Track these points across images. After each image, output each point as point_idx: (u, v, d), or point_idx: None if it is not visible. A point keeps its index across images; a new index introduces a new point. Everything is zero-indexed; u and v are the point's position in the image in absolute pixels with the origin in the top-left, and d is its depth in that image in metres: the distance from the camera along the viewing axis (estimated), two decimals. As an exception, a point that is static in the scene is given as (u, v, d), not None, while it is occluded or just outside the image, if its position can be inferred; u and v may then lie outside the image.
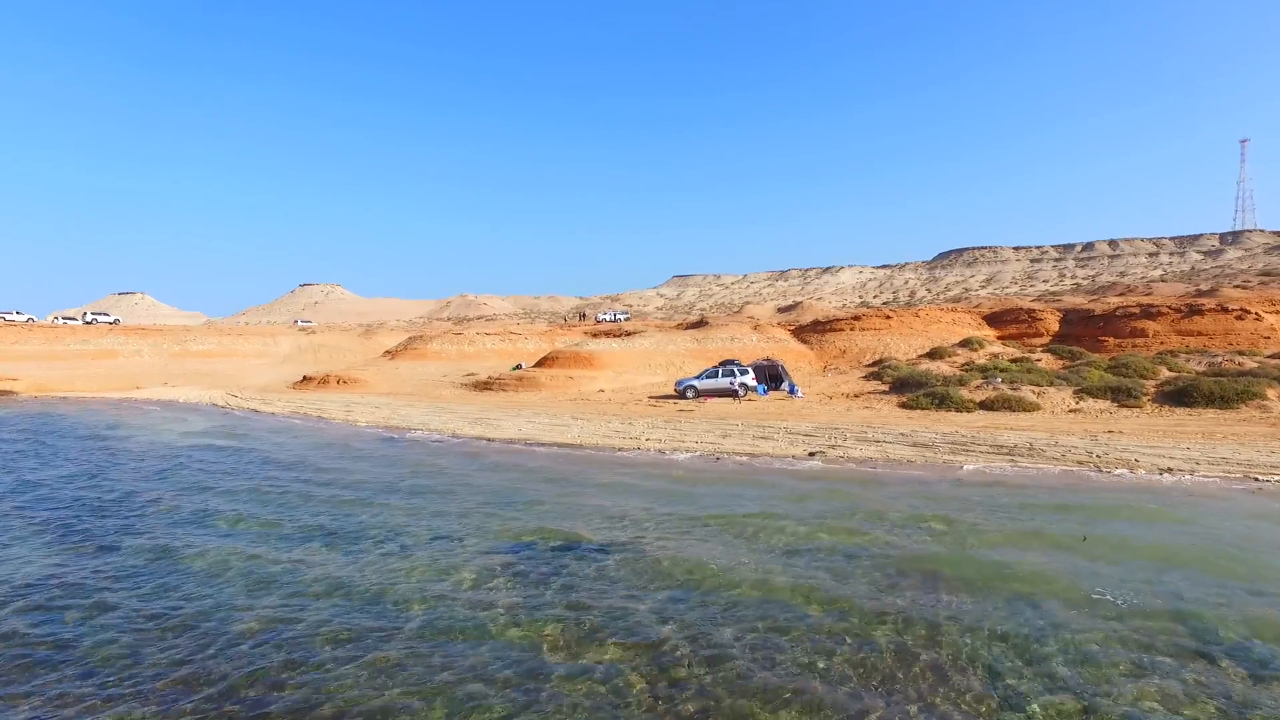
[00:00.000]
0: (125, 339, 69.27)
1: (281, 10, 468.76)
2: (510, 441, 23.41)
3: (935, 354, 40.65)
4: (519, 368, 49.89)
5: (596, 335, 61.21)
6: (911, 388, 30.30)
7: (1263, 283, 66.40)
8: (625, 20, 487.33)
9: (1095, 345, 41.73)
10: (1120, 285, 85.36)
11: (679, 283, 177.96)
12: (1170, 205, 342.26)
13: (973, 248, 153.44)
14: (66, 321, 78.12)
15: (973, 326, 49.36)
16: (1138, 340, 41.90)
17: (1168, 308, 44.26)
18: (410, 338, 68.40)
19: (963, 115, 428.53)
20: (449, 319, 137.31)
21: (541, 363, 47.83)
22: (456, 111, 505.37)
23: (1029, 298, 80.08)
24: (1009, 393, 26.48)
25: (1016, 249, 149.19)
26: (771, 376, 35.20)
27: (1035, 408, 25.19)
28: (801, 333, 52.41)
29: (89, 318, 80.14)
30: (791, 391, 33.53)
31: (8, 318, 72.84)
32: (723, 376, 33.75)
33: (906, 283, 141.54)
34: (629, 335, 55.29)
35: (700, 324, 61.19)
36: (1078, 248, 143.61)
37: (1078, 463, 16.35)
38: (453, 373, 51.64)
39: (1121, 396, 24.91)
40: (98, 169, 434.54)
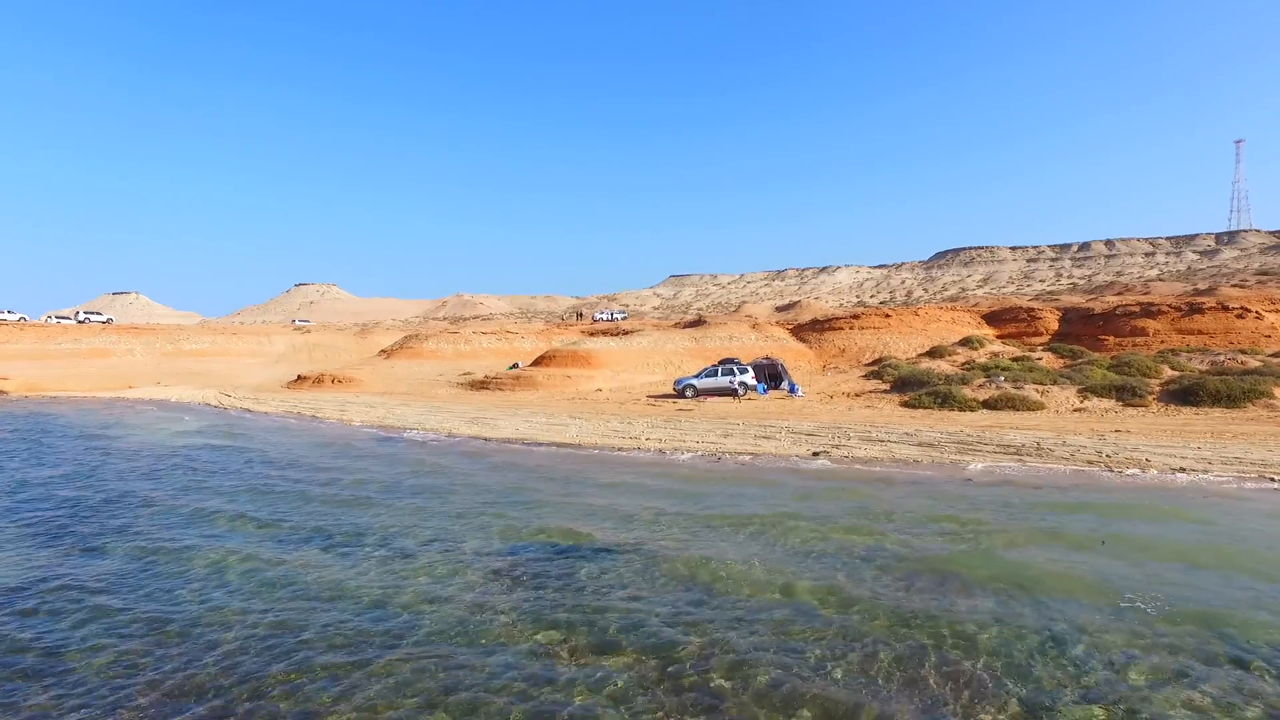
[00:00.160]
0: (118, 338, 68.59)
1: (278, 10, 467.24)
2: (507, 441, 23.03)
3: (935, 353, 40.42)
4: (515, 367, 49.49)
5: (594, 334, 60.85)
6: (913, 387, 30.02)
7: (1261, 282, 66.41)
8: (621, 20, 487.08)
9: (1095, 344, 41.55)
10: (1118, 285, 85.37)
11: (675, 282, 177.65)
12: (1165, 205, 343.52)
13: (969, 248, 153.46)
14: (60, 321, 77.32)
15: (972, 325, 49.17)
16: (1138, 339, 41.73)
17: (1168, 306, 44.12)
18: (406, 337, 67.91)
19: (959, 116, 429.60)
20: (445, 318, 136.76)
21: (538, 362, 47.44)
22: (452, 111, 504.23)
23: (1026, 297, 80.00)
24: (1012, 392, 26.20)
25: (1013, 249, 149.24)
26: (771, 375, 34.89)
27: (1039, 407, 24.92)
28: (800, 331, 52.15)
29: (82, 317, 79.38)
30: (792, 391, 33.22)
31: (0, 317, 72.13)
32: (722, 375, 33.42)
33: (903, 282, 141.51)
34: (626, 334, 54.94)
35: (698, 323, 60.90)
36: (1074, 248, 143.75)
37: (1088, 462, 16.06)
38: (449, 372, 51.21)
39: (1126, 395, 24.66)
40: (93, 169, 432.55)
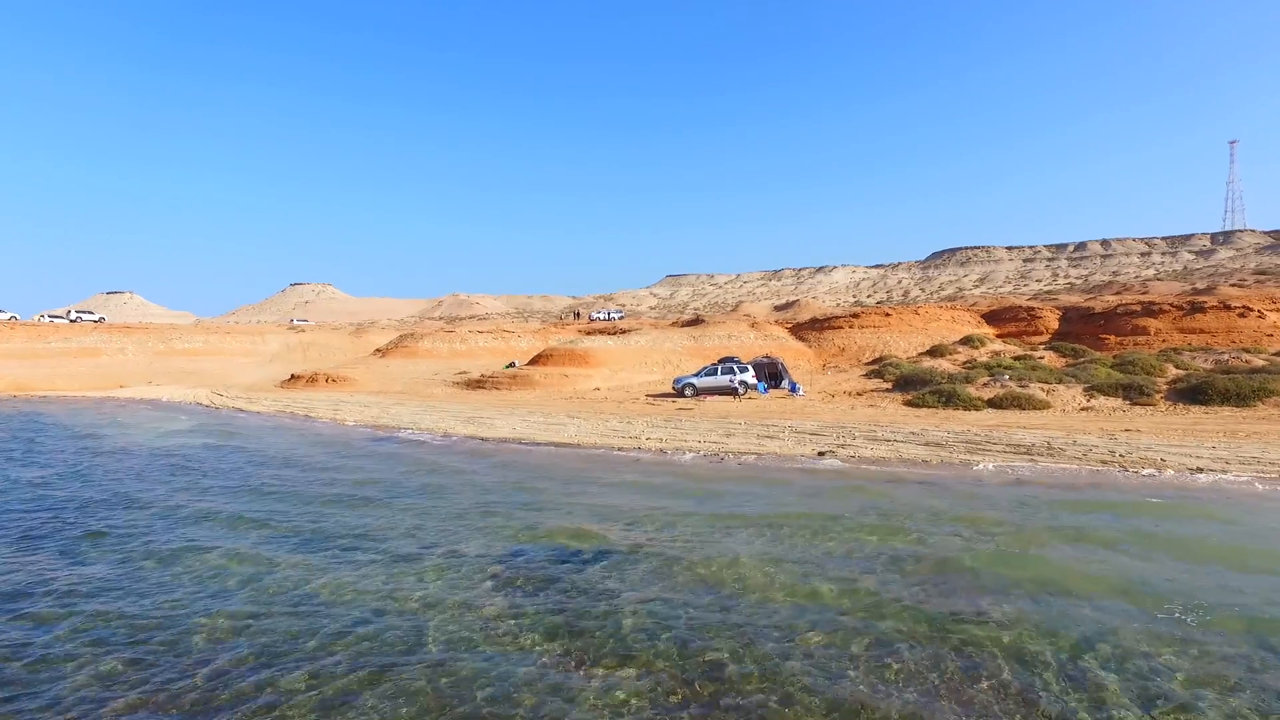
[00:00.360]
0: (109, 337, 67.76)
1: (274, 9, 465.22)
2: (505, 440, 22.52)
3: (936, 352, 40.02)
4: (512, 366, 48.94)
5: (591, 333, 60.33)
6: (916, 385, 29.61)
7: (1259, 281, 66.26)
8: (619, 21, 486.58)
9: (1096, 343, 41.21)
10: (1116, 284, 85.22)
11: (672, 282, 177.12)
12: (1160, 206, 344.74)
13: (966, 247, 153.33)
14: (53, 320, 76.37)
15: (972, 324, 48.81)
16: (1139, 338, 41.41)
17: (1169, 305, 43.81)
18: (401, 336, 67.26)
19: (956, 116, 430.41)
20: (441, 318, 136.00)
21: (535, 361, 46.92)
22: (449, 111, 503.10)
23: (1024, 297, 79.75)
24: (1018, 390, 25.80)
25: (1009, 249, 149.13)
26: (772, 374, 34.45)
27: (1046, 406, 24.51)
28: (799, 330, 51.73)
29: (74, 316, 78.50)
30: (793, 390, 32.78)
31: (-11, 316, 71.20)
32: (722, 374, 32.97)
33: (900, 282, 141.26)
34: (624, 333, 54.43)
35: (697, 322, 60.43)
36: (1070, 247, 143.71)
37: (1101, 462, 15.63)
38: (444, 371, 50.66)
39: (1134, 394, 24.28)
40: (89, 168, 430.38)
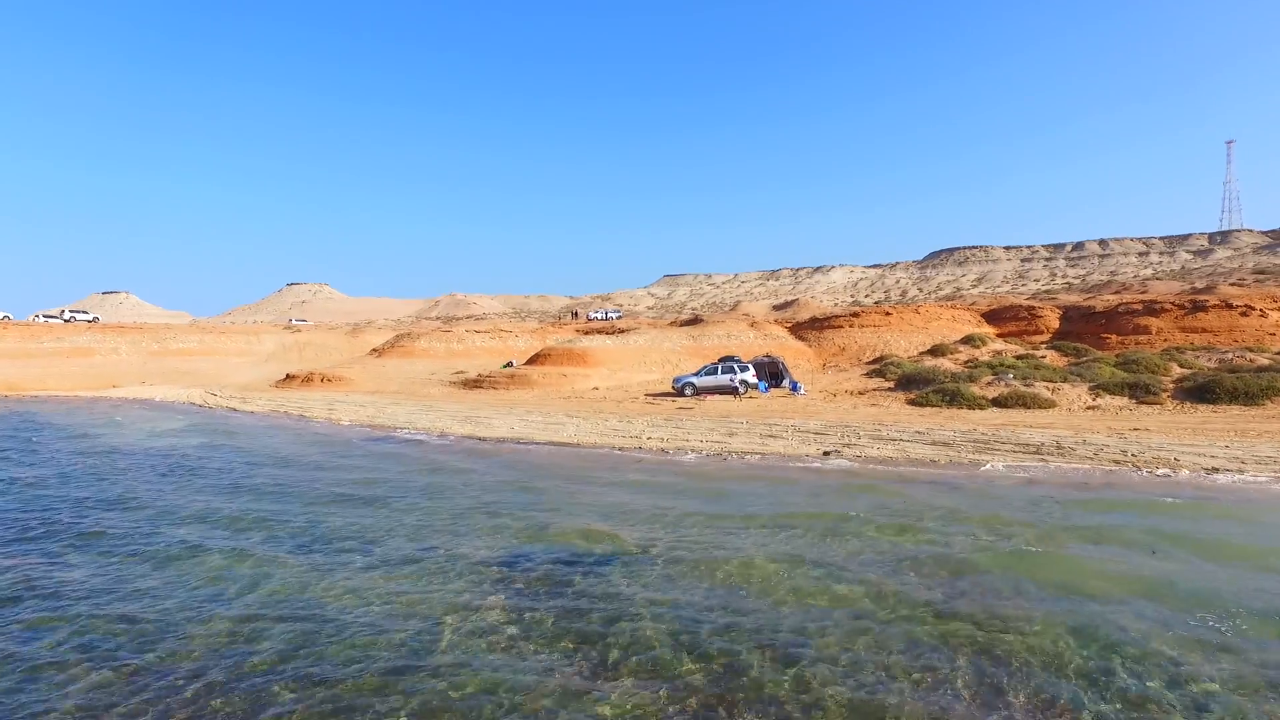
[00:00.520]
0: (102, 337, 67.11)
1: (271, 8, 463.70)
2: (503, 440, 22.12)
3: (937, 351, 39.72)
4: (510, 365, 48.52)
5: (589, 333, 59.93)
6: (919, 384, 29.29)
7: (1258, 281, 66.18)
8: (616, 21, 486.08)
9: (1097, 342, 40.97)
10: (1115, 284, 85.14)
11: (670, 282, 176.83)
12: (1157, 206, 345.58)
13: (963, 247, 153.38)
14: (47, 320, 75.64)
15: (972, 323, 48.55)
16: (1141, 337, 41.18)
17: (1171, 304, 43.59)
18: (398, 335, 66.77)
19: (953, 116, 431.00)
20: (438, 318, 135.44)
21: (533, 360, 46.51)
22: (445, 111, 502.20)
23: (1023, 296, 79.60)
24: (1023, 389, 25.49)
25: (1007, 249, 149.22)
26: (772, 374, 34.10)
27: (1051, 405, 24.20)
28: (799, 330, 51.41)
29: (67, 316, 77.76)
30: (794, 389, 32.43)
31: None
32: (722, 373, 32.61)
33: (898, 282, 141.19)
34: (623, 333, 54.04)
35: (696, 321, 60.11)
36: (1068, 247, 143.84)
37: (1114, 462, 15.30)
38: (441, 371, 50.21)
39: (1140, 393, 23.98)
40: (86, 168, 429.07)
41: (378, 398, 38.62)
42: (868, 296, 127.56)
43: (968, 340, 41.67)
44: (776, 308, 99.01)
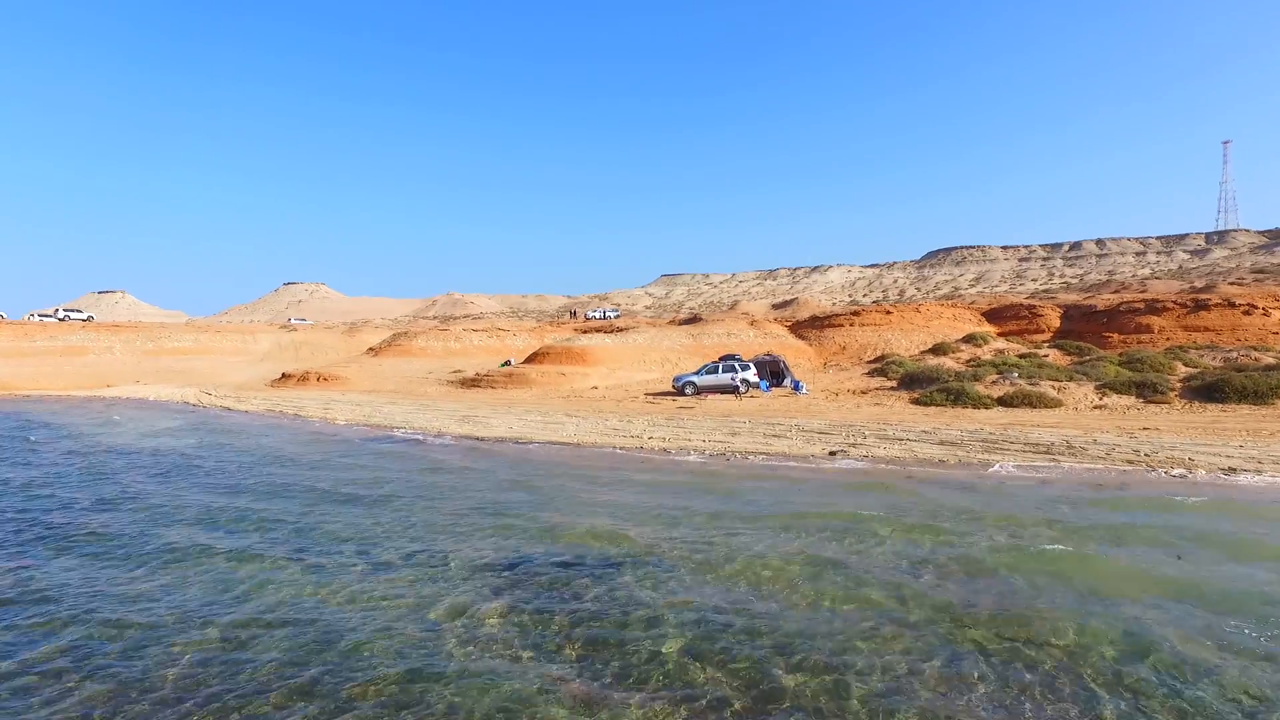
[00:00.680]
0: (96, 336, 66.46)
1: (267, 7, 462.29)
2: (501, 440, 21.74)
3: (939, 350, 39.41)
4: (508, 364, 48.11)
5: (587, 332, 59.53)
6: (922, 383, 28.98)
7: (1257, 280, 66.07)
8: (613, 21, 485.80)
9: (1099, 341, 40.78)
10: (1113, 283, 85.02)
11: (667, 281, 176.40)
12: (1153, 206, 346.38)
13: (961, 247, 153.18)
14: (42, 319, 74.90)
15: (973, 322, 48.34)
16: (1143, 336, 41.01)
17: (1173, 303, 43.43)
18: (395, 335, 66.30)
19: (950, 116, 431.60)
20: (435, 317, 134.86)
21: (532, 359, 46.12)
22: (442, 110, 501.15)
23: (1021, 296, 79.42)
24: (1028, 388, 25.19)
25: (1004, 248, 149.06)
26: (774, 372, 33.77)
27: (1057, 404, 23.90)
28: (799, 328, 51.14)
29: (61, 315, 77.04)
30: (796, 388, 32.11)
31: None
32: (723, 372, 32.26)
33: (895, 281, 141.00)
34: (622, 331, 53.67)
35: (695, 320, 59.80)
36: (1065, 247, 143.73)
37: (1128, 462, 14.98)
38: (439, 370, 49.79)
39: (1147, 392, 23.70)
40: (82, 167, 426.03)
41: (374, 397, 38.20)
42: (865, 296, 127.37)
43: (969, 339, 41.40)
44: (775, 306, 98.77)
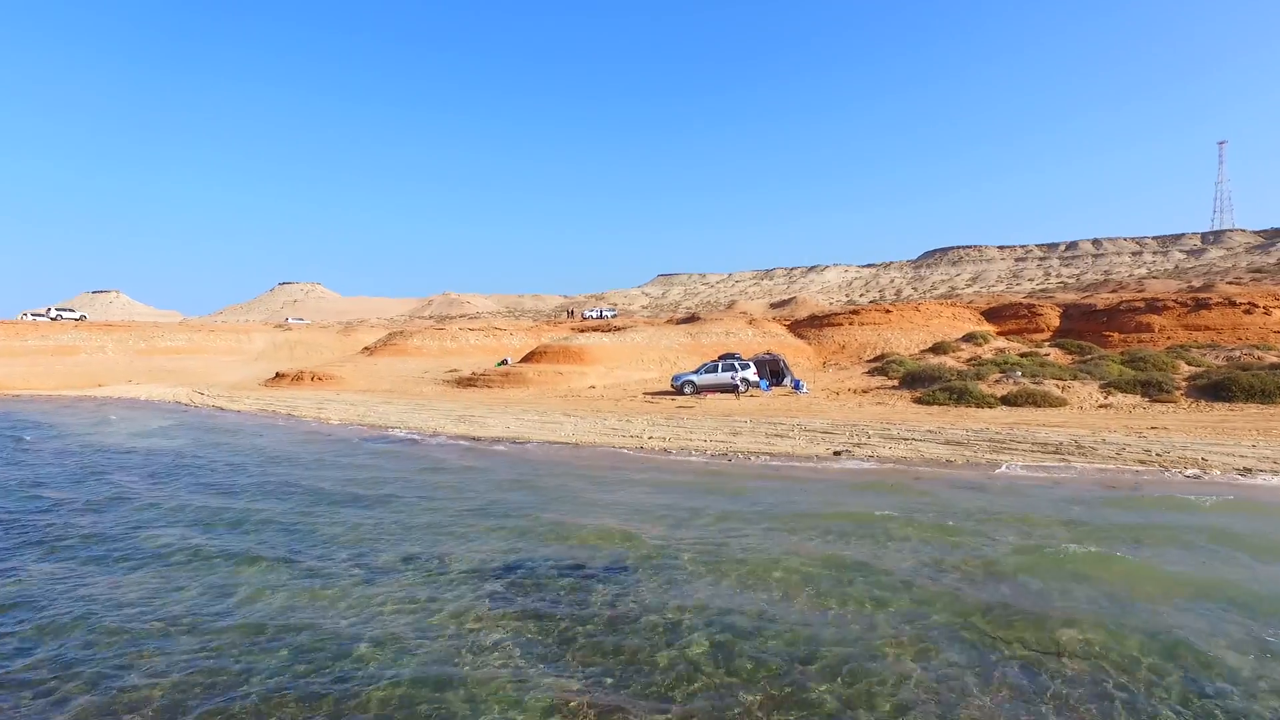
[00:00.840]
0: (88, 335, 65.80)
1: (265, 7, 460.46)
2: (498, 440, 21.36)
3: (939, 349, 39.12)
4: (505, 363, 47.71)
5: (585, 331, 59.15)
6: (924, 383, 28.68)
7: (1255, 279, 66.07)
8: (611, 21, 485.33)
9: (1100, 340, 40.54)
10: (1111, 283, 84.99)
11: (664, 281, 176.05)
12: (1148, 206, 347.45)
13: (957, 247, 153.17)
14: (34, 318, 74.13)
15: (973, 322, 48.09)
16: (1143, 335, 40.82)
17: (1173, 302, 43.24)
18: (390, 334, 65.78)
19: (946, 117, 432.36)
20: (431, 317, 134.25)
21: (529, 358, 45.70)
22: (440, 110, 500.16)
23: (1019, 295, 79.32)
24: (1033, 387, 24.90)
25: (1001, 248, 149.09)
26: (774, 372, 33.46)
27: (1062, 403, 23.61)
28: (798, 328, 50.83)
29: (54, 314, 76.31)
30: (796, 387, 31.79)
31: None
32: (723, 371, 31.92)
33: (892, 281, 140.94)
34: (619, 330, 53.29)
35: (694, 319, 59.47)
36: (1061, 247, 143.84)
37: (1139, 462, 14.68)
38: (434, 369, 49.34)
39: (1153, 391, 23.42)
40: (77, 167, 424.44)
41: (369, 396, 37.75)
42: (862, 296, 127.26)
43: (969, 338, 41.12)
44: (773, 306, 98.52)
